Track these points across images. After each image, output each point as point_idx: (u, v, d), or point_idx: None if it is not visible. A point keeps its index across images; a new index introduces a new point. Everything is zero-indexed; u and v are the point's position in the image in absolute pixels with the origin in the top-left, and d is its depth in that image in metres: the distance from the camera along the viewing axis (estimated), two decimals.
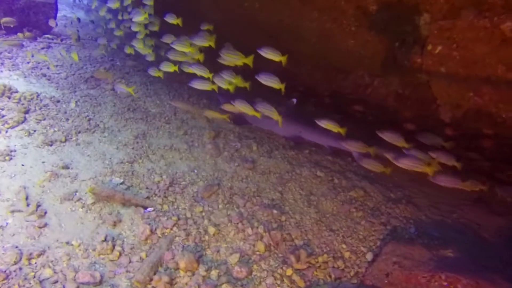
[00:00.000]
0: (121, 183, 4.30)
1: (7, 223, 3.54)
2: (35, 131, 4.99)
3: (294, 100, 6.88)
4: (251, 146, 5.78)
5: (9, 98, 5.58)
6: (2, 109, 5.29)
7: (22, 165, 4.30)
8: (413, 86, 5.82)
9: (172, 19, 5.31)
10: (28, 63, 7.17)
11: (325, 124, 4.51)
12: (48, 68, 7.22)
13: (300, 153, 6.02)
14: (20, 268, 3.23)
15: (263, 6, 5.77)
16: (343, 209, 4.71)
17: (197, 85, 4.88)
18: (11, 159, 4.35)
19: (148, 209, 4.03)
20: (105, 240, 3.53)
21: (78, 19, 10.17)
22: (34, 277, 3.18)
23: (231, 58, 4.53)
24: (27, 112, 5.36)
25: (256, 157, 5.52)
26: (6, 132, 4.84)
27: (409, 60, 4.37)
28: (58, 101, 5.96)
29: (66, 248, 3.46)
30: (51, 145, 4.79)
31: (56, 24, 9.34)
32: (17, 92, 5.70)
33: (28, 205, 3.73)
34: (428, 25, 3.82)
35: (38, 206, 3.77)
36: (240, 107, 4.72)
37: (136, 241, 3.64)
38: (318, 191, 5.05)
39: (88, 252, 3.44)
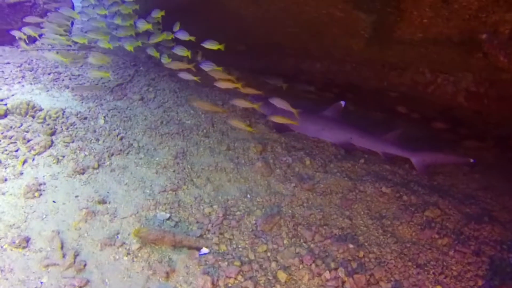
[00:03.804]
0: (168, 219, 3.67)
1: (41, 282, 2.95)
2: (64, 156, 4.40)
3: (342, 103, 6.14)
4: (304, 160, 5.07)
5: (33, 117, 5.01)
6: (27, 132, 4.72)
7: (54, 201, 3.71)
8: (490, 83, 5.00)
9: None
10: (49, 74, 6.60)
11: None
12: (70, 79, 6.65)
13: (356, 163, 5.31)
14: None
15: None
16: (424, 236, 4.00)
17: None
18: (40, 195, 3.77)
19: (203, 251, 3.38)
20: None
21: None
22: None
23: None
24: (53, 133, 4.78)
25: (311, 174, 4.82)
26: (33, 160, 4.26)
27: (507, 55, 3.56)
28: (85, 118, 5.37)
29: None
30: (83, 173, 4.19)
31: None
32: (41, 110, 5.12)
33: (64, 255, 3.13)
34: None
35: (75, 256, 3.17)
36: None
37: None
38: (389, 212, 4.35)
39: None
